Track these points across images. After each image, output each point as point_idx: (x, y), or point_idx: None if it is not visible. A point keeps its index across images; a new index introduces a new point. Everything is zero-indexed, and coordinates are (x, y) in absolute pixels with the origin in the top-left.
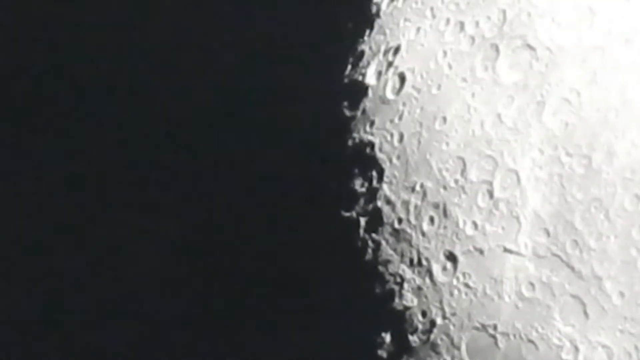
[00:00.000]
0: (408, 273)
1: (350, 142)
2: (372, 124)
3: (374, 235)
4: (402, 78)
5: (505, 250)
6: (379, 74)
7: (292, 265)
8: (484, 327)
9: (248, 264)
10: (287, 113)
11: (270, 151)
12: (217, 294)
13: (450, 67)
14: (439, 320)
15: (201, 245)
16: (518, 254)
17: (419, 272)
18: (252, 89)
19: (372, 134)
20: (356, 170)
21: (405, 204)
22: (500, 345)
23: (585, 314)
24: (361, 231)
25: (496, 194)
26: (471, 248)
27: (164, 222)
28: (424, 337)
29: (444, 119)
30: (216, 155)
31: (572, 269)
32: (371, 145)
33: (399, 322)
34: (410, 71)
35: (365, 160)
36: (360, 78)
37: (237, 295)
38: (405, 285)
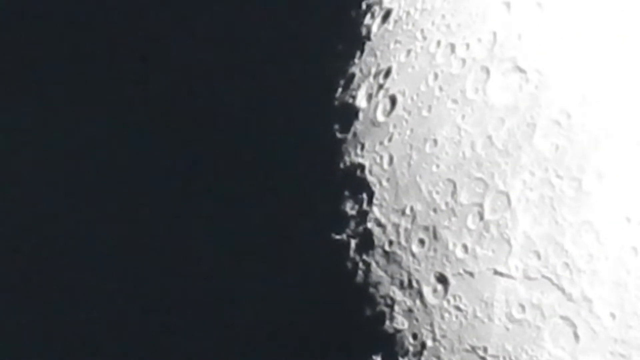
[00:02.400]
0: (398, 295)
1: (340, 165)
2: (362, 146)
3: (364, 257)
4: (393, 100)
5: (496, 272)
6: (370, 96)
7: (282, 288)
8: (474, 350)
9: (237, 287)
10: (278, 136)
11: (260, 173)
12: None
13: (440, 89)
14: (429, 343)
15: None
16: (508, 276)
17: (410, 294)
18: (241, 112)
19: (362, 157)
20: (347, 193)
21: (396, 226)
22: None
23: (576, 336)
24: (352, 253)
25: (486, 216)
26: (461, 270)
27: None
28: None
29: (435, 141)
30: (203, 177)
31: (563, 290)
32: (361, 167)
33: (390, 344)
34: (401, 93)
35: (356, 183)
36: (350, 101)
37: (226, 319)
38: (396, 307)
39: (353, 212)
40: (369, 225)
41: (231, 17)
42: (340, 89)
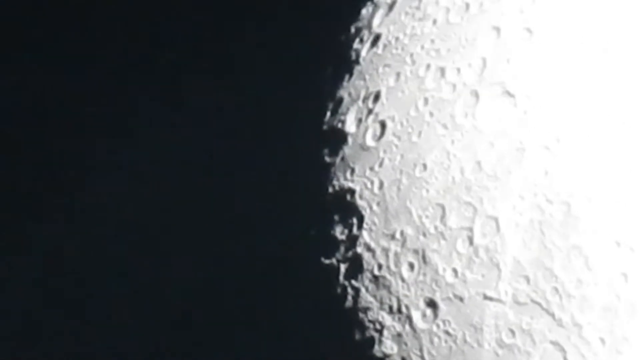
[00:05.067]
0: (388, 320)
1: (330, 189)
2: (352, 171)
3: (353, 282)
4: (382, 125)
5: (485, 297)
6: (359, 120)
7: (272, 311)
8: None
9: (228, 310)
10: (266, 160)
11: (249, 197)
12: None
13: (430, 114)
14: None
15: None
16: (498, 301)
17: (399, 319)
18: (230, 137)
19: (352, 181)
20: (336, 217)
21: (385, 250)
22: None
23: None
24: (341, 278)
25: (476, 240)
26: (451, 295)
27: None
28: None
29: (424, 165)
30: (193, 200)
31: (553, 315)
32: (351, 192)
33: None
34: (391, 118)
35: (345, 207)
36: (339, 125)
37: (218, 342)
38: (385, 332)
39: (342, 237)
40: (359, 249)
41: (221, 40)
42: (329, 113)
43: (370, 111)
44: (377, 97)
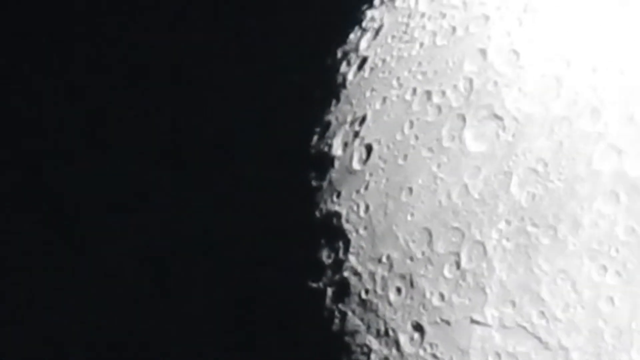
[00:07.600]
0: (375, 344)
1: (316, 213)
2: (338, 194)
3: (340, 305)
4: (369, 148)
5: (472, 321)
6: (345, 144)
7: (260, 336)
8: None
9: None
10: (253, 184)
11: (236, 221)
12: None
13: (416, 137)
14: None
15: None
16: (485, 324)
17: (386, 343)
18: (218, 159)
19: (338, 205)
20: (323, 241)
21: (372, 274)
22: None
23: None
24: (328, 302)
25: (463, 265)
26: (438, 319)
27: None
28: None
29: (410, 189)
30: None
31: (539, 339)
32: (337, 215)
33: None
34: (377, 142)
35: (332, 231)
36: (326, 149)
37: None
38: (373, 355)
39: (329, 261)
40: (345, 273)
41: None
42: (316, 137)
43: (356, 135)
44: (363, 120)
